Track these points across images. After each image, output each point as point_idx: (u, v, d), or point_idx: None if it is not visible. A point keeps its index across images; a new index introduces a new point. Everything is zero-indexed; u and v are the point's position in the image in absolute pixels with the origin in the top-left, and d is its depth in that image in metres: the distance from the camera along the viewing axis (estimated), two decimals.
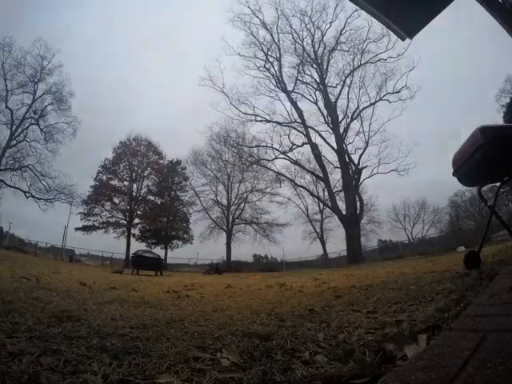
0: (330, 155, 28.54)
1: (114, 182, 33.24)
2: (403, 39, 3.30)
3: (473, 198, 24.63)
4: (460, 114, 47.91)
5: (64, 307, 2.06)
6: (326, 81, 28.56)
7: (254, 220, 35.47)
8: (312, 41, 28.59)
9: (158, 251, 27.81)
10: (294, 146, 28.86)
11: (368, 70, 27.74)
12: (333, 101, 28.15)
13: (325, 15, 27.68)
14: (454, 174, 2.75)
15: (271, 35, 28.59)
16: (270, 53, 29.12)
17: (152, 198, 35.04)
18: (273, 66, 29.43)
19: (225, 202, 36.18)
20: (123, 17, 64.46)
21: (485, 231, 2.96)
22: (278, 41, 28.80)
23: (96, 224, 31.08)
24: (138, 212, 33.72)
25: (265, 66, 29.29)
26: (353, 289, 3.05)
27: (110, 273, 11.69)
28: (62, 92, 28.14)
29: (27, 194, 26.47)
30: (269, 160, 30.04)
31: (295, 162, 29.86)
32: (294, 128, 28.96)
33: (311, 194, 32.33)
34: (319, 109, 28.74)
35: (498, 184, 2.87)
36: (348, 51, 27.79)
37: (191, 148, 36.35)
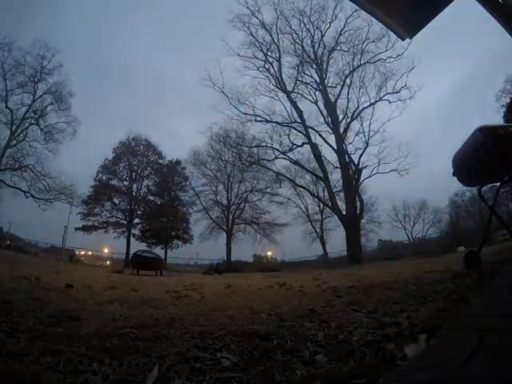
0: (330, 155, 28.49)
1: (114, 182, 33.22)
2: (403, 39, 3.31)
3: (473, 197, 24.51)
4: (460, 113, 47.94)
5: (64, 307, 2.06)
6: (326, 81, 28.48)
7: (254, 220, 35.38)
8: (311, 41, 28.50)
9: (158, 251, 27.77)
10: (294, 146, 28.79)
11: (368, 70, 27.65)
12: (333, 101, 28.08)
13: (324, 15, 27.51)
14: (454, 174, 2.76)
15: (270, 35, 28.48)
16: (269, 53, 29.02)
17: (152, 198, 35.00)
18: (272, 67, 29.36)
19: (225, 201, 36.08)
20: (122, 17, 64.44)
21: (485, 231, 2.96)
22: (278, 41, 28.69)
23: (96, 224, 31.06)
24: (138, 212, 33.69)
25: (264, 67, 29.21)
26: (353, 289, 3.04)
27: (110, 273, 11.68)
28: (61, 92, 28.09)
29: (27, 194, 26.37)
30: (269, 160, 29.94)
31: (295, 162, 29.80)
32: (293, 128, 28.88)
33: (311, 193, 32.25)
34: (319, 109, 28.67)
35: (498, 184, 2.88)
36: (348, 51, 27.69)
37: (191, 148, 36.31)
